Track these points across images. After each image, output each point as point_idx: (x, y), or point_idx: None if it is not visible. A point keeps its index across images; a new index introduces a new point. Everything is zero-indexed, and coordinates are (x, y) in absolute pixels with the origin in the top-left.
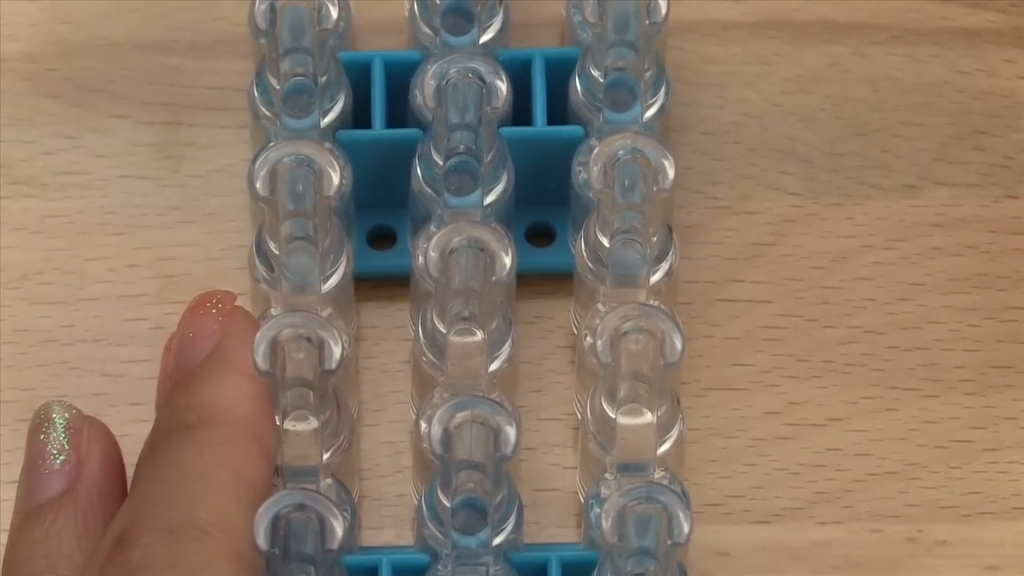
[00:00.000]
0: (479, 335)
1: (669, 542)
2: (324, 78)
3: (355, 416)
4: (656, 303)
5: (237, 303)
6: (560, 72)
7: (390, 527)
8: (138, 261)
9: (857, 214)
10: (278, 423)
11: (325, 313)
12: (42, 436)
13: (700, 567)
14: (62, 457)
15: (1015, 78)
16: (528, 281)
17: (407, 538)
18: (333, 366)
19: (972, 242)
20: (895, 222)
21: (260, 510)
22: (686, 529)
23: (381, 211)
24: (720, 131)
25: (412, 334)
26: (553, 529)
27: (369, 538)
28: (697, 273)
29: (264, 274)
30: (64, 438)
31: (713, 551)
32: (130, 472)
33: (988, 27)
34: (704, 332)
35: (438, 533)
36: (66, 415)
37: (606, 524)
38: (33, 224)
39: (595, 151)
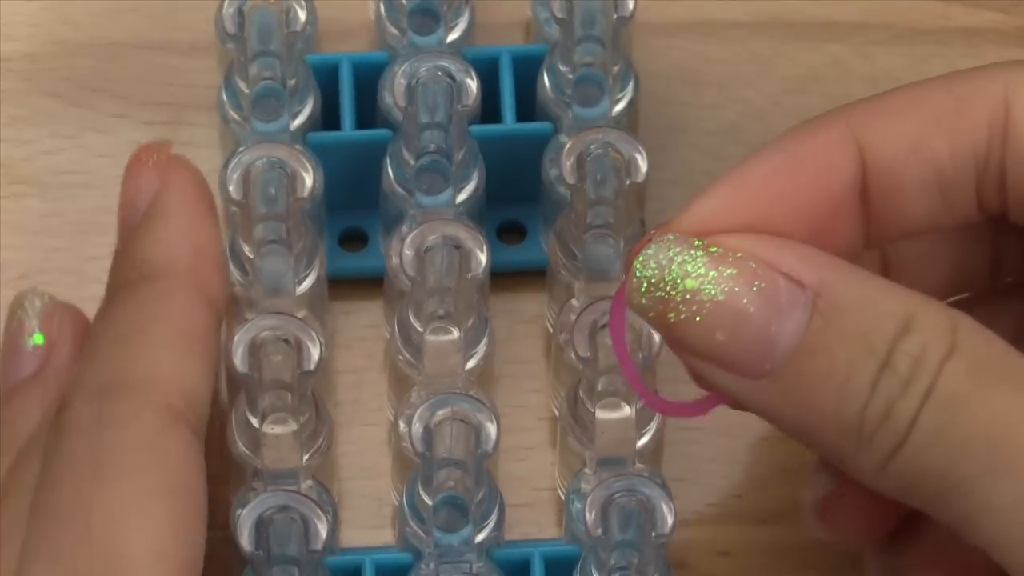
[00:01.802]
0: (455, 333)
1: (653, 534)
2: (293, 81)
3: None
4: None
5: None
6: (527, 69)
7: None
8: None
9: None
10: (256, 424)
11: (300, 315)
12: (15, 322)
13: (700, 567)
14: (33, 340)
15: None
16: (500, 278)
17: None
18: (312, 367)
19: None
20: None
21: (243, 512)
22: (670, 521)
23: (352, 212)
24: (720, 131)
25: (386, 334)
26: (552, 529)
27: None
28: None
29: (238, 277)
30: (36, 323)
31: (713, 551)
32: None
33: (988, 27)
34: None
35: (420, 531)
36: (38, 302)
37: (590, 517)
38: (33, 224)
39: (567, 146)
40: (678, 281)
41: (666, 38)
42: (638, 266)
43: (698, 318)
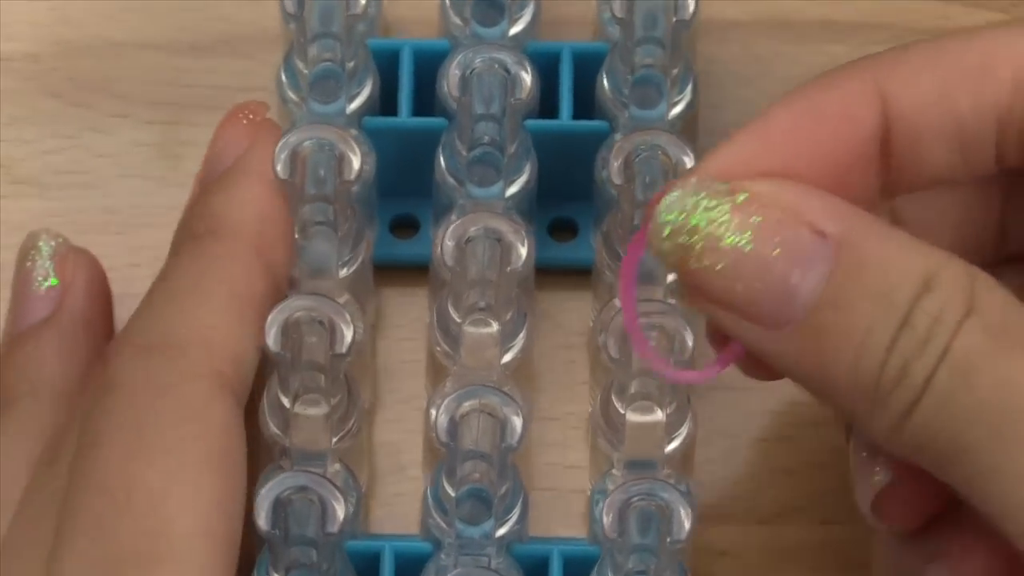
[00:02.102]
0: (494, 326)
1: (668, 540)
2: (352, 64)
3: (368, 404)
4: (672, 301)
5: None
6: (588, 67)
7: (400, 514)
8: (138, 261)
9: None
10: (287, 404)
11: (342, 299)
12: (28, 263)
13: (700, 567)
14: (47, 283)
15: None
16: (550, 275)
17: (417, 526)
18: (344, 350)
19: None
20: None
21: (262, 491)
22: (687, 527)
23: (405, 199)
24: (720, 131)
25: (429, 323)
26: (556, 522)
27: (378, 525)
28: None
29: None
30: (49, 265)
31: (713, 551)
32: (120, 301)
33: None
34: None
35: (442, 522)
36: (52, 243)
37: (607, 519)
38: (33, 224)
39: (615, 147)
40: (702, 226)
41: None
42: (662, 210)
43: (720, 266)
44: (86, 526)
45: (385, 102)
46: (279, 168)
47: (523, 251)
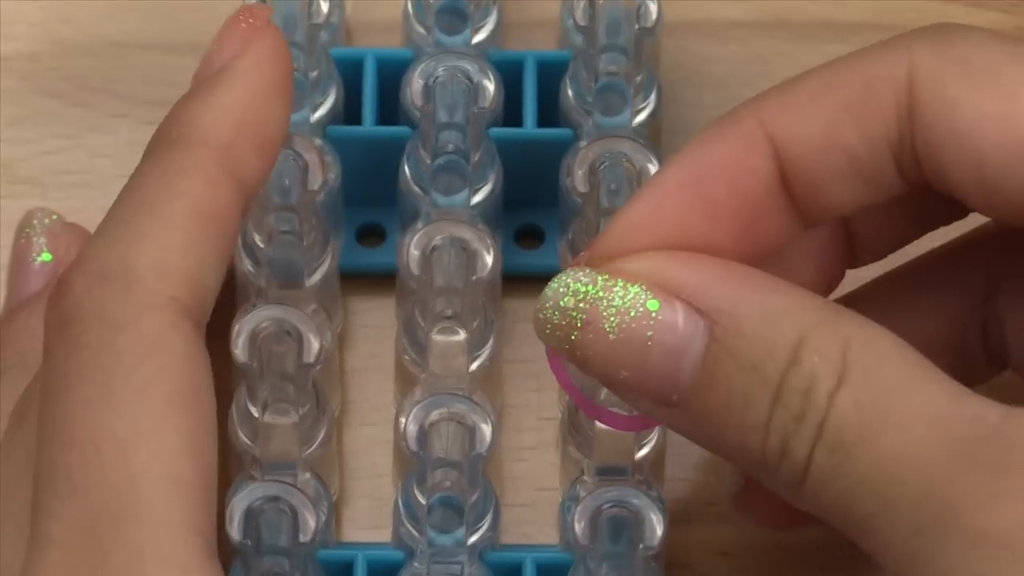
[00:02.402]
0: (461, 334)
1: (641, 546)
2: (315, 73)
3: (337, 412)
4: None
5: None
6: (552, 75)
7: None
8: None
9: None
10: (256, 414)
11: (309, 308)
12: (23, 240)
13: (700, 567)
14: (41, 258)
15: None
16: (517, 282)
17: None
18: (312, 360)
19: None
20: None
21: (233, 501)
22: (659, 533)
23: (370, 208)
24: None
25: (396, 331)
26: (550, 530)
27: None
28: None
29: (249, 267)
30: (43, 241)
31: (713, 551)
32: None
33: (988, 27)
34: None
35: (414, 531)
36: (46, 220)
37: (579, 527)
38: None
39: (579, 154)
40: (570, 308)
41: (666, 38)
42: (541, 300)
43: (600, 353)
44: (61, 489)
45: (349, 111)
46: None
47: (489, 259)
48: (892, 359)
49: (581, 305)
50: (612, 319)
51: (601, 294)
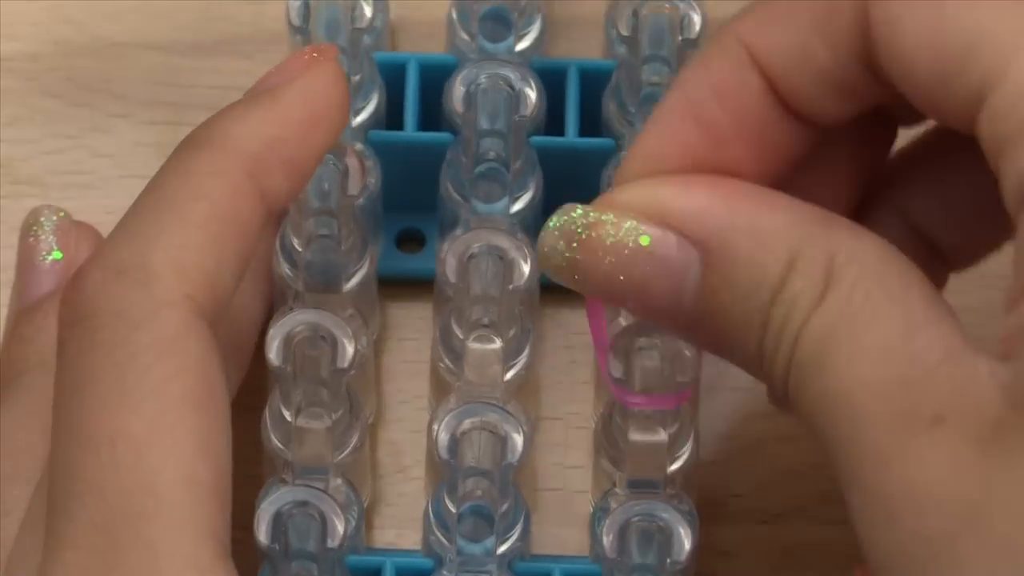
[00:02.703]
0: (497, 343)
1: (669, 561)
2: (357, 77)
3: (371, 418)
4: None
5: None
6: (595, 84)
7: (402, 530)
8: None
9: None
10: (289, 418)
11: (346, 313)
12: (31, 238)
13: (700, 567)
14: (51, 256)
15: None
16: (555, 292)
17: (418, 543)
18: (345, 365)
19: None
20: None
21: (263, 505)
22: (687, 548)
23: (411, 213)
24: None
25: (432, 338)
26: (554, 529)
27: (381, 539)
28: None
29: (288, 270)
30: (52, 239)
31: (713, 551)
32: None
33: None
34: None
35: (444, 539)
36: (54, 218)
37: (607, 539)
38: None
39: (615, 165)
40: (569, 256)
41: None
42: (540, 240)
43: (602, 287)
44: (76, 488)
45: (391, 116)
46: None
47: (526, 268)
48: (870, 278)
49: (574, 245)
50: (609, 257)
51: (593, 233)
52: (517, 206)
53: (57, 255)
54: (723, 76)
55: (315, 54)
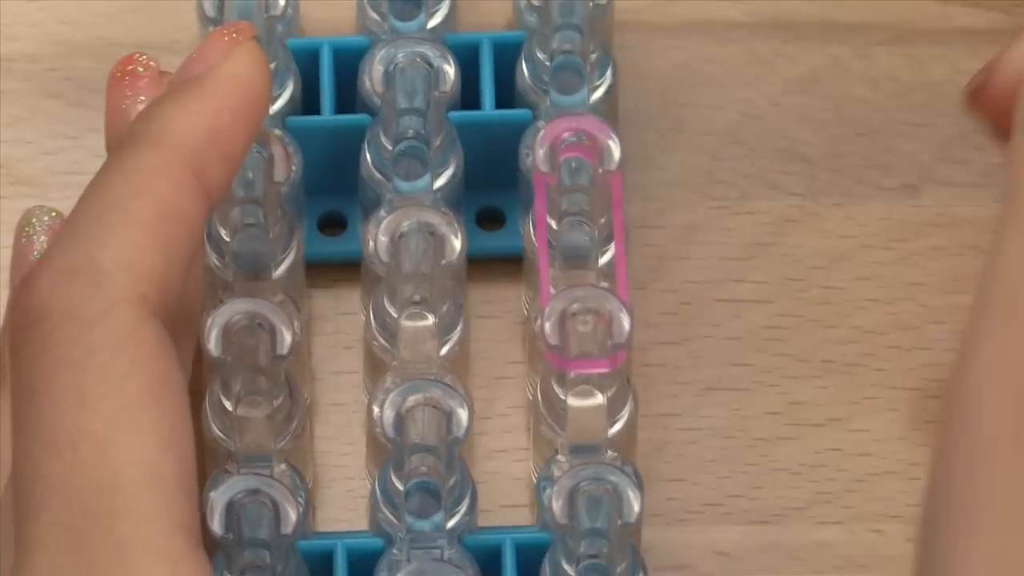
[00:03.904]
0: (430, 319)
1: (619, 522)
2: (273, 65)
3: (308, 402)
4: (605, 285)
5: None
6: (508, 56)
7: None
8: None
9: (857, 214)
10: (230, 408)
11: (277, 299)
12: (23, 239)
13: (700, 567)
14: None
15: None
16: (479, 265)
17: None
18: (284, 351)
19: (972, 242)
20: (895, 222)
21: (214, 495)
22: (636, 509)
23: (331, 197)
24: (720, 131)
25: (364, 319)
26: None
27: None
28: (697, 273)
29: (216, 260)
30: (44, 239)
31: (713, 551)
32: None
33: (988, 27)
34: (704, 332)
35: (392, 517)
36: (46, 218)
37: (556, 506)
38: None
39: (540, 133)
40: None
41: (666, 38)
42: None
43: None
44: (41, 491)
45: (307, 101)
46: None
47: (457, 243)
48: None
49: None
50: None
51: None
52: (439, 182)
53: None
54: None
55: (234, 34)
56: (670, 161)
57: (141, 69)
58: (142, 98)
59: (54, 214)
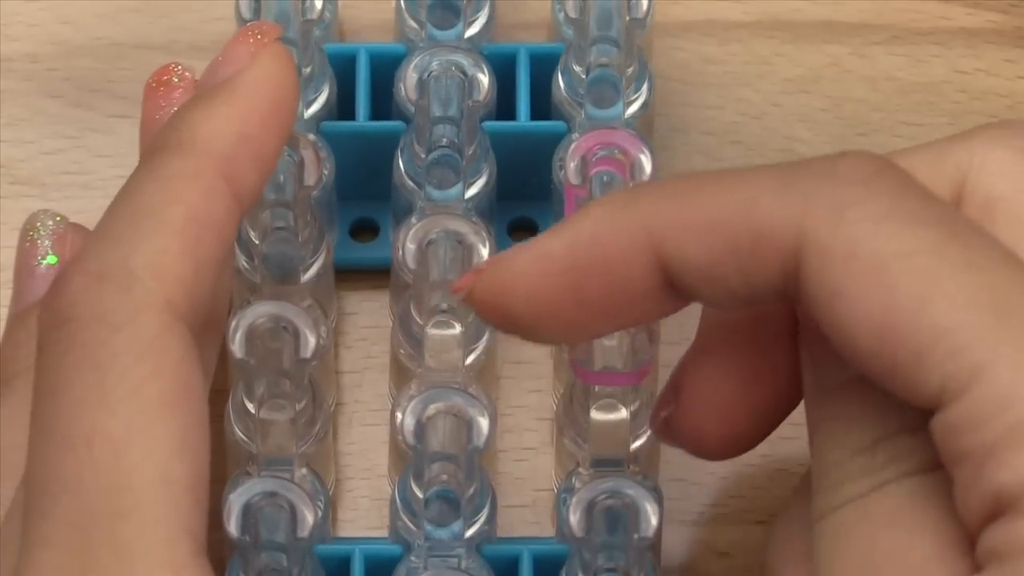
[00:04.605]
0: (457, 328)
1: (636, 536)
2: (308, 69)
3: (332, 406)
4: None
5: (279, 44)
6: (545, 68)
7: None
8: None
9: None
10: (253, 410)
11: (305, 303)
12: (27, 243)
13: (700, 567)
14: (46, 261)
15: (1015, 78)
16: None
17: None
18: (308, 355)
19: None
20: None
21: (231, 497)
22: (654, 523)
23: (364, 203)
24: (720, 131)
25: (391, 326)
26: (548, 528)
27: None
28: None
29: (244, 263)
30: (48, 243)
31: (713, 551)
32: None
33: (988, 27)
34: None
35: (411, 524)
36: (50, 222)
37: (574, 518)
38: None
39: (572, 146)
40: None
41: (666, 38)
42: None
43: None
44: (53, 488)
45: (342, 107)
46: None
47: (484, 252)
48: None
49: None
50: None
51: None
52: (471, 191)
53: (52, 259)
54: (619, 262)
55: (259, 35)
56: (670, 161)
57: (176, 80)
58: (176, 109)
59: (59, 219)
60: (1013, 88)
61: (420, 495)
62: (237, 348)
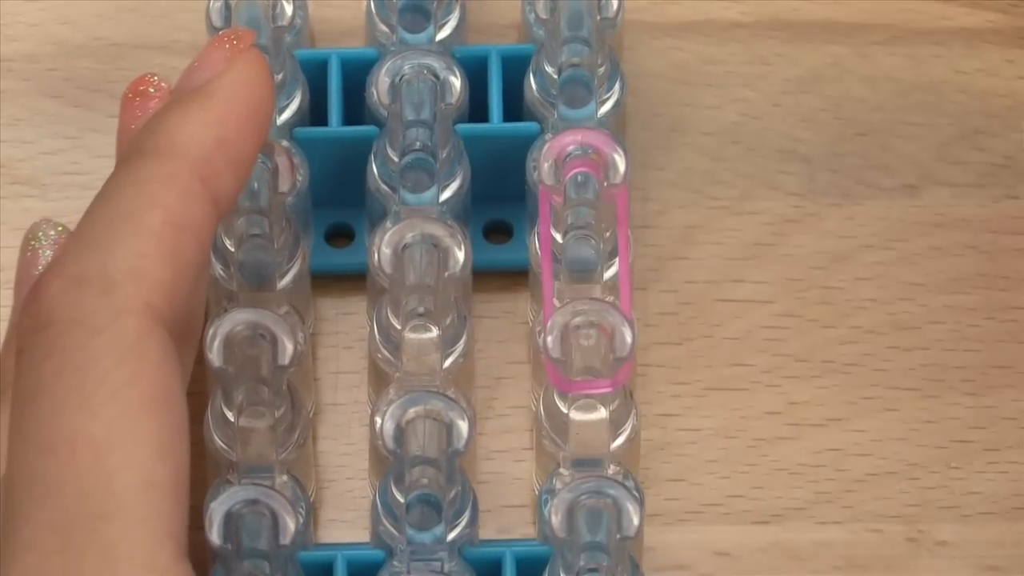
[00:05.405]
0: (434, 331)
1: (618, 536)
2: (280, 75)
3: (311, 412)
4: (611, 299)
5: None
6: (517, 69)
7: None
8: None
9: (857, 214)
10: (232, 418)
11: (282, 310)
12: (29, 252)
13: (700, 567)
14: None
15: (1015, 78)
16: (487, 278)
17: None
18: (286, 362)
19: (972, 242)
20: (895, 222)
21: (213, 505)
22: (635, 522)
23: (339, 208)
24: (720, 131)
25: (368, 331)
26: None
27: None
28: (697, 273)
29: (220, 271)
30: (49, 253)
31: (713, 551)
32: None
33: (988, 27)
34: (704, 332)
35: (393, 529)
36: (52, 232)
37: (555, 519)
38: None
39: (545, 147)
40: None
41: (666, 38)
42: None
43: None
44: (35, 491)
45: (315, 112)
46: None
47: (460, 255)
48: None
49: None
50: None
51: None
52: (446, 194)
53: None
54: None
55: (234, 40)
56: (670, 161)
57: (152, 90)
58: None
59: (60, 228)
60: (1013, 88)
61: (401, 499)
62: (215, 356)
